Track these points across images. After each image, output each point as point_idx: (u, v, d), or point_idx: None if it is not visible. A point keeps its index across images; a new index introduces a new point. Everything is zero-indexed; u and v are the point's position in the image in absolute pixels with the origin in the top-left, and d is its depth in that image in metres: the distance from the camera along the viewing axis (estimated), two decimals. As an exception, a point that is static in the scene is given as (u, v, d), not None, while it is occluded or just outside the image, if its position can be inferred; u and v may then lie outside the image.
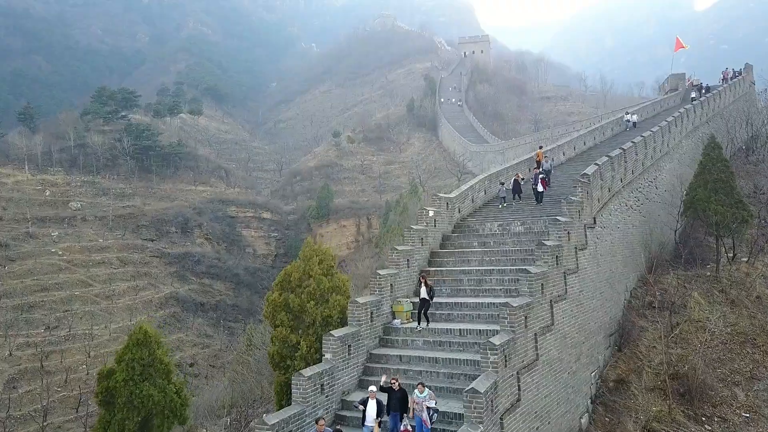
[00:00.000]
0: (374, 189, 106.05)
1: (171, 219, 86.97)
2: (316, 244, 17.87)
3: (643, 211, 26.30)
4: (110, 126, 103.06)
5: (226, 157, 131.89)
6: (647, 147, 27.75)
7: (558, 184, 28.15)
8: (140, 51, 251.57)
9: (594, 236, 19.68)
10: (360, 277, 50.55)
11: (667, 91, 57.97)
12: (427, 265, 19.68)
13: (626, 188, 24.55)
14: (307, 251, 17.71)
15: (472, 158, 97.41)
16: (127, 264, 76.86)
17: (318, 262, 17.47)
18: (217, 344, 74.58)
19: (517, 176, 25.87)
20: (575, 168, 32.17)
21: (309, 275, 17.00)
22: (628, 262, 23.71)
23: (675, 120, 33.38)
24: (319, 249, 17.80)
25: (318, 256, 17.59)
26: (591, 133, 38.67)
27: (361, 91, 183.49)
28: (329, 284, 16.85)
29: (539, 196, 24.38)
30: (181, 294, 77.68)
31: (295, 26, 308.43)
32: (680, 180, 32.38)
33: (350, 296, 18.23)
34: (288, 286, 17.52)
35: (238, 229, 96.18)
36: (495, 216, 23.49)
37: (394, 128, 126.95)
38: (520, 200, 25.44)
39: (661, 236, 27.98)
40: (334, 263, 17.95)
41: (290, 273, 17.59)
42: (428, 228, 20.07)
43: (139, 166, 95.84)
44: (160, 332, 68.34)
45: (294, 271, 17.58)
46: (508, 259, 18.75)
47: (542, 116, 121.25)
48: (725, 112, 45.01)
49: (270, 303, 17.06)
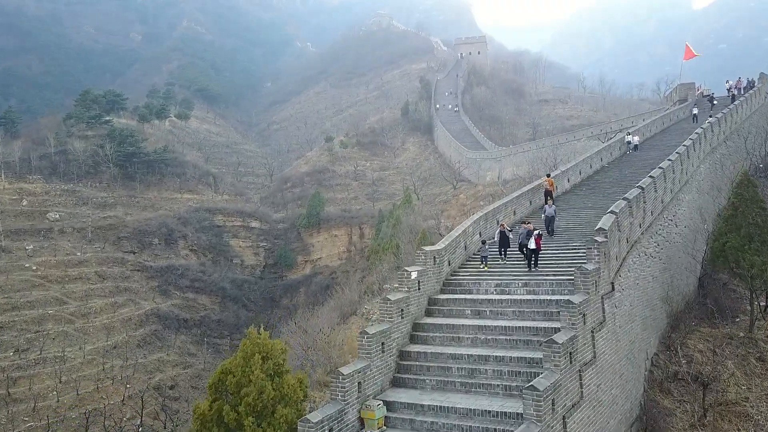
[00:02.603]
0: (367, 196, 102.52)
1: (154, 230, 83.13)
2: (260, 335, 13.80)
3: (663, 257, 22.76)
4: (93, 131, 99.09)
5: (216, 161, 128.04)
6: (666, 180, 24.19)
7: (566, 221, 24.60)
8: (133, 50, 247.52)
9: (612, 306, 16.13)
10: (347, 303, 46.82)
11: (676, 101, 54.46)
12: (409, 342, 16.09)
13: (646, 233, 21.01)
14: (248, 346, 13.70)
15: (469, 165, 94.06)
16: (105, 279, 73.09)
17: (261, 360, 13.46)
18: (200, 363, 70.91)
19: (502, 226, 21.28)
20: (582, 200, 28.71)
21: (249, 379, 13.14)
22: (648, 323, 20.16)
23: (693, 143, 29.81)
24: (263, 343, 13.76)
25: (261, 352, 13.60)
26: (598, 154, 35.14)
27: (356, 92, 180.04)
28: (274, 393, 12.97)
29: (531, 259, 19.38)
30: (163, 310, 73.93)
31: (292, 25, 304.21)
32: (700, 212, 28.89)
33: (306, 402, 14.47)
34: (223, 390, 13.63)
35: (226, 239, 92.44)
36: (491, 270, 19.90)
37: (389, 132, 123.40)
38: (506, 258, 20.86)
39: (682, 283, 24.45)
40: (284, 359, 14.06)
41: (227, 373, 13.70)
42: (410, 294, 16.49)
43: (123, 174, 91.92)
44: (138, 352, 65.00)
45: (232, 370, 13.64)
46: (509, 340, 15.15)
47: (540, 120, 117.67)
48: (742, 128, 41.49)
49: (198, 416, 13.22)
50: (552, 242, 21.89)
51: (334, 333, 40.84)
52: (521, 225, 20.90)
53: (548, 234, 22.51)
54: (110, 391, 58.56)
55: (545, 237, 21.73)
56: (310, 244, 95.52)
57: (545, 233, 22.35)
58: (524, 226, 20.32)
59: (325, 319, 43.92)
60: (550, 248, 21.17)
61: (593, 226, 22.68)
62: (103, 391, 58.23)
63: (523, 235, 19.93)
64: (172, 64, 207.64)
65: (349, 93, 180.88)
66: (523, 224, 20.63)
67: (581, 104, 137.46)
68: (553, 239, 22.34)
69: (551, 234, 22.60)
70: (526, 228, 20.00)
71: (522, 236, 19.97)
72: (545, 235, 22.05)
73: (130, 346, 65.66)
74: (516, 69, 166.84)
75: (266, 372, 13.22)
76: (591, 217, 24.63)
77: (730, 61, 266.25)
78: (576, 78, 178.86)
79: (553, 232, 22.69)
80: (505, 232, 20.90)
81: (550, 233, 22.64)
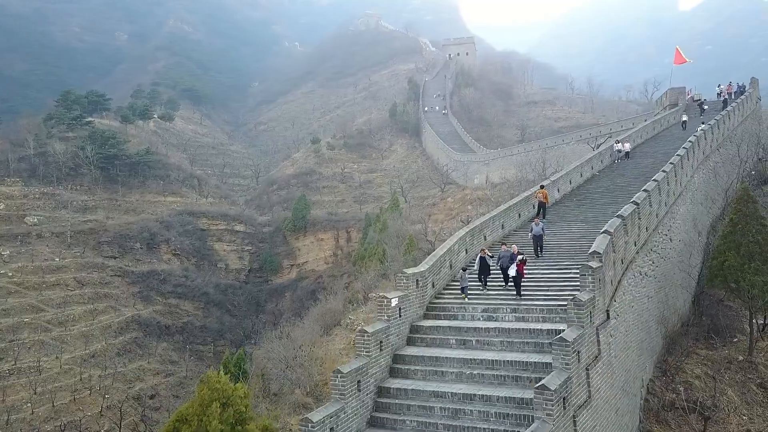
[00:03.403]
0: (354, 199, 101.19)
1: (135, 234, 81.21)
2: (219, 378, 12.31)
3: (658, 275, 21.65)
4: (75, 132, 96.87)
5: (202, 162, 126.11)
6: (661, 192, 23.10)
7: (556, 236, 23.41)
8: (120, 49, 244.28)
9: (607, 336, 14.95)
10: (331, 314, 45.48)
11: (666, 106, 53.59)
12: (389, 375, 14.82)
13: (641, 252, 19.88)
14: (205, 392, 12.16)
15: (457, 168, 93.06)
16: (84, 285, 71.17)
17: (220, 408, 11.96)
18: (182, 371, 69.28)
19: (483, 252, 19.19)
20: (573, 212, 27.55)
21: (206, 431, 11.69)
22: (643, 347, 19.03)
23: (687, 152, 28.78)
24: (223, 389, 12.27)
25: (221, 398, 12.11)
26: (588, 162, 34.06)
27: (344, 92, 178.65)
28: (233, 449, 11.53)
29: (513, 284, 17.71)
30: (144, 316, 72.15)
31: (281, 24, 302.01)
32: (695, 224, 27.87)
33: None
34: (178, 441, 12.15)
35: (209, 243, 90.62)
36: (478, 293, 18.65)
37: (376, 134, 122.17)
38: (487, 287, 18.87)
39: (677, 301, 23.37)
40: (246, 405, 12.58)
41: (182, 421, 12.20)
42: (391, 323, 15.22)
43: (104, 176, 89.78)
44: (117, 361, 63.19)
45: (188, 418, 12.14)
46: (496, 376, 13.92)
47: (529, 122, 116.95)
48: (734, 134, 40.61)
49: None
50: (541, 261, 20.69)
51: (316, 346, 39.62)
52: (502, 246, 19.22)
53: (536, 255, 21.09)
54: (87, 402, 56.85)
55: (532, 258, 20.46)
56: (296, 248, 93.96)
57: (532, 253, 21.03)
58: (505, 248, 18.67)
59: (308, 330, 42.61)
60: (540, 269, 19.98)
61: (585, 242, 21.64)
62: (80, 402, 56.50)
63: (505, 258, 18.31)
64: (158, 63, 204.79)
65: (337, 93, 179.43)
66: (504, 246, 18.99)
67: (570, 106, 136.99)
68: (542, 258, 21.08)
69: (539, 254, 21.13)
70: (508, 250, 18.37)
71: (504, 259, 18.34)
72: (532, 255, 20.78)
73: (110, 355, 63.88)
74: (504, 70, 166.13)
75: (226, 422, 11.85)
76: (583, 232, 23.52)
77: (717, 62, 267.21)
78: (564, 79, 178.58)
79: (542, 252, 21.24)
80: (485, 258, 18.94)
81: (538, 253, 21.15)
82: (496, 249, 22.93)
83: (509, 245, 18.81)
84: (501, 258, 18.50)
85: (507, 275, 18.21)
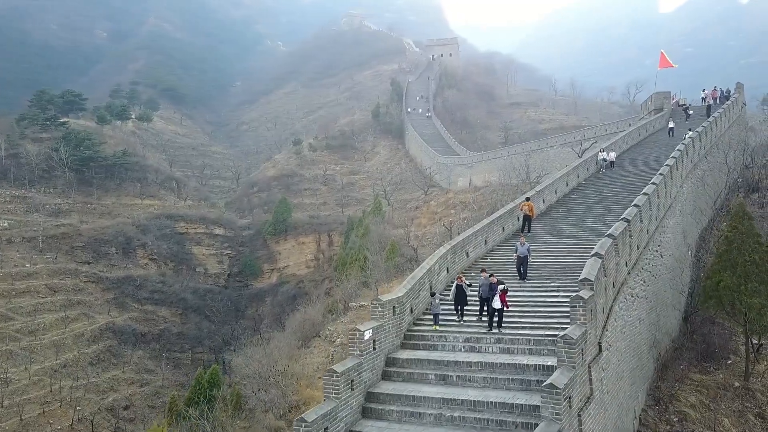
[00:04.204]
0: (336, 202, 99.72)
1: (111, 238, 78.99)
2: None
3: (649, 295, 20.55)
4: (48, 133, 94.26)
5: (181, 163, 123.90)
6: (651, 206, 22.02)
7: (542, 254, 22.21)
8: (99, 48, 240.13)
9: (599, 370, 13.74)
10: (310, 325, 43.99)
11: (651, 110, 52.83)
12: (361, 416, 13.48)
13: (633, 272, 18.74)
14: None
15: (440, 170, 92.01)
16: (57, 292, 68.93)
17: None
18: (159, 380, 67.42)
19: (460, 279, 17.45)
20: (560, 225, 26.37)
21: None
22: (635, 375, 17.89)
23: (676, 161, 27.77)
24: None
25: None
26: (575, 170, 32.98)
27: (326, 92, 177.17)
28: None
29: (493, 317, 16.05)
30: (119, 324, 70.08)
31: (263, 23, 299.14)
32: (684, 237, 26.87)
33: None
34: None
35: (188, 247, 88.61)
36: (454, 322, 17.25)
37: (359, 135, 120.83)
38: (463, 318, 17.13)
39: (669, 320, 22.32)
40: None
41: None
42: (364, 357, 13.88)
43: (79, 179, 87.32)
44: (90, 371, 61.10)
45: None
46: (479, 420, 12.61)
47: (512, 123, 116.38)
48: (721, 141, 39.81)
49: None
50: (527, 283, 19.44)
51: (293, 360, 38.16)
52: (481, 273, 17.54)
53: (520, 277, 19.75)
54: (57, 415, 54.78)
55: (516, 282, 19.18)
56: (276, 252, 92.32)
57: (516, 274, 19.76)
58: (485, 275, 17.08)
59: (285, 342, 41.11)
60: (525, 291, 18.74)
61: (573, 260, 20.46)
62: (50, 415, 54.40)
63: (484, 287, 16.65)
64: (138, 62, 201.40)
65: (319, 93, 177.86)
66: (483, 272, 17.37)
67: (553, 107, 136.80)
68: (527, 279, 19.80)
69: (523, 277, 19.77)
70: (488, 279, 16.74)
71: (483, 289, 16.68)
72: (517, 277, 19.51)
73: (82, 365, 61.77)
74: (488, 71, 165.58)
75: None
76: (570, 248, 22.35)
77: (697, 64, 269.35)
78: (547, 80, 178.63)
79: (526, 276, 19.82)
80: (462, 286, 17.13)
81: (522, 276, 19.77)
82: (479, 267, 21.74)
83: (488, 273, 17.10)
84: (481, 287, 16.82)
85: (483, 306, 16.69)
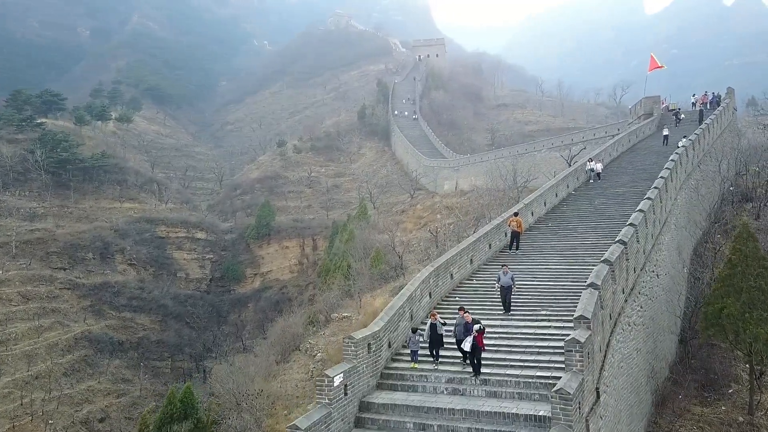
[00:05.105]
0: (321, 205, 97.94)
1: (88, 243, 76.67)
2: None
3: (646, 321, 19.17)
4: (24, 134, 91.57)
5: (164, 165, 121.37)
6: (647, 224, 20.67)
7: (530, 274, 20.74)
8: (81, 46, 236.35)
9: (597, 420, 12.29)
10: (290, 338, 42.28)
11: (641, 115, 51.73)
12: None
13: (629, 298, 17.34)
14: None
15: (426, 173, 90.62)
16: (30, 300, 66.57)
17: None
18: (136, 390, 65.49)
19: (433, 317, 15.57)
20: (549, 240, 24.93)
21: None
22: (633, 413, 16.49)
23: (671, 173, 26.46)
24: None
25: None
26: (564, 180, 31.63)
27: (313, 92, 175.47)
28: None
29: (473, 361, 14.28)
30: (96, 332, 67.95)
31: (250, 22, 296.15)
32: (679, 252, 25.57)
33: None
34: None
35: (169, 252, 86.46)
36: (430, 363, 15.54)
37: (345, 136, 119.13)
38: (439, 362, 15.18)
39: (665, 346, 20.98)
40: None
41: None
42: (333, 406, 12.32)
43: (55, 182, 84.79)
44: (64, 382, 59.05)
45: None
46: (462, 483, 11.12)
47: (499, 125, 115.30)
48: (713, 148, 38.67)
49: None
50: (514, 309, 17.89)
51: (271, 377, 36.52)
52: (460, 312, 15.52)
53: (504, 309, 17.94)
54: (29, 430, 52.97)
55: (500, 315, 17.61)
56: (259, 257, 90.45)
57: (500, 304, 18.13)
58: (461, 314, 15.22)
59: (264, 356, 39.42)
60: (513, 320, 17.24)
61: (565, 283, 19.05)
62: (21, 429, 52.51)
63: (459, 327, 14.84)
64: (121, 61, 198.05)
65: (305, 94, 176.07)
66: (461, 311, 15.44)
67: (540, 109, 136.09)
68: (513, 304, 18.18)
69: (508, 309, 17.91)
70: (463, 319, 14.91)
71: (458, 329, 14.86)
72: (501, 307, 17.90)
73: (55, 376, 59.67)
74: (475, 71, 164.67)
75: None
76: (561, 269, 20.89)
77: (682, 66, 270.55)
78: (534, 81, 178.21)
79: (510, 308, 17.93)
80: (436, 325, 15.26)
81: (506, 308, 17.91)
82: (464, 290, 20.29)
83: (465, 311, 15.31)
84: (456, 328, 14.98)
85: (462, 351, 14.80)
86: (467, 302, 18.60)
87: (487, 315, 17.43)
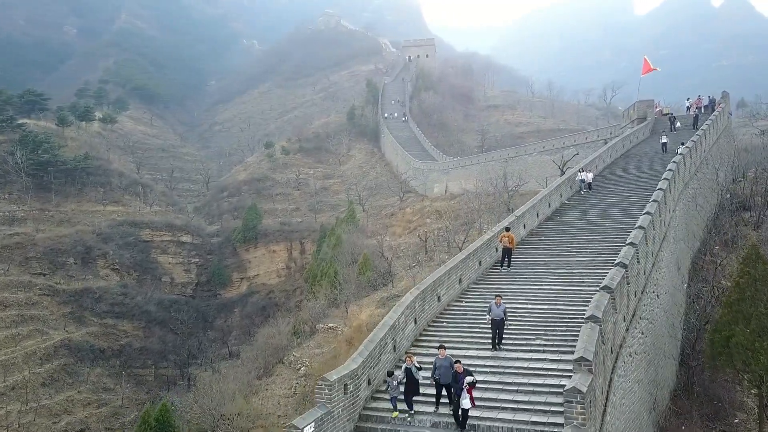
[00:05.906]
0: (309, 207, 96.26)
1: (69, 248, 74.70)
2: None
3: (647, 347, 17.89)
4: (4, 135, 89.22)
5: (150, 166, 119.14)
6: (648, 242, 19.39)
7: (522, 297, 19.41)
8: (68, 45, 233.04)
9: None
10: (273, 350, 40.77)
11: (634, 119, 50.64)
12: None
13: (630, 326, 16.04)
14: None
15: (416, 176, 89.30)
16: (8, 306, 64.63)
17: None
18: (118, 399, 63.81)
19: (409, 360, 13.53)
20: (543, 255, 23.59)
21: None
22: (635, 452, 15.19)
23: (669, 184, 25.23)
24: None
25: None
26: (557, 189, 30.36)
27: (302, 93, 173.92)
28: None
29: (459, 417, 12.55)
30: (76, 340, 66.13)
31: (239, 22, 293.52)
32: (678, 267, 24.35)
33: None
34: None
35: (153, 256, 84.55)
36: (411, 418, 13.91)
37: (334, 138, 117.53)
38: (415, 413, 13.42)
39: (666, 371, 19.71)
40: None
41: None
42: (302, 462, 10.90)
43: (36, 184, 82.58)
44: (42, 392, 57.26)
45: None
46: None
47: (489, 127, 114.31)
48: (710, 155, 37.56)
49: None
50: (507, 340, 16.49)
51: (253, 392, 35.09)
52: (439, 350, 13.76)
53: (493, 346, 16.11)
54: (3, 444, 51.12)
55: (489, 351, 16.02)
56: (246, 260, 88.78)
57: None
58: (444, 354, 13.51)
59: (245, 371, 37.96)
60: (504, 353, 15.86)
61: (560, 306, 17.74)
62: (-5, 443, 50.70)
63: (443, 370, 13.20)
64: (108, 60, 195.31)
65: (295, 94, 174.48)
66: (441, 349, 13.69)
67: (530, 110, 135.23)
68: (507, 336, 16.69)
69: (498, 345, 16.09)
70: (447, 358, 13.24)
71: (440, 372, 13.19)
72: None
73: (33, 386, 57.89)
74: (465, 72, 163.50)
75: None
76: (557, 291, 19.53)
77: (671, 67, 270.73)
78: (524, 81, 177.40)
79: (501, 343, 16.13)
80: (412, 369, 13.35)
81: (497, 344, 16.11)
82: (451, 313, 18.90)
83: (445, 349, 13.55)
84: (437, 368, 13.33)
85: (441, 392, 13.32)
86: (455, 329, 17.26)
87: (476, 345, 16.11)
